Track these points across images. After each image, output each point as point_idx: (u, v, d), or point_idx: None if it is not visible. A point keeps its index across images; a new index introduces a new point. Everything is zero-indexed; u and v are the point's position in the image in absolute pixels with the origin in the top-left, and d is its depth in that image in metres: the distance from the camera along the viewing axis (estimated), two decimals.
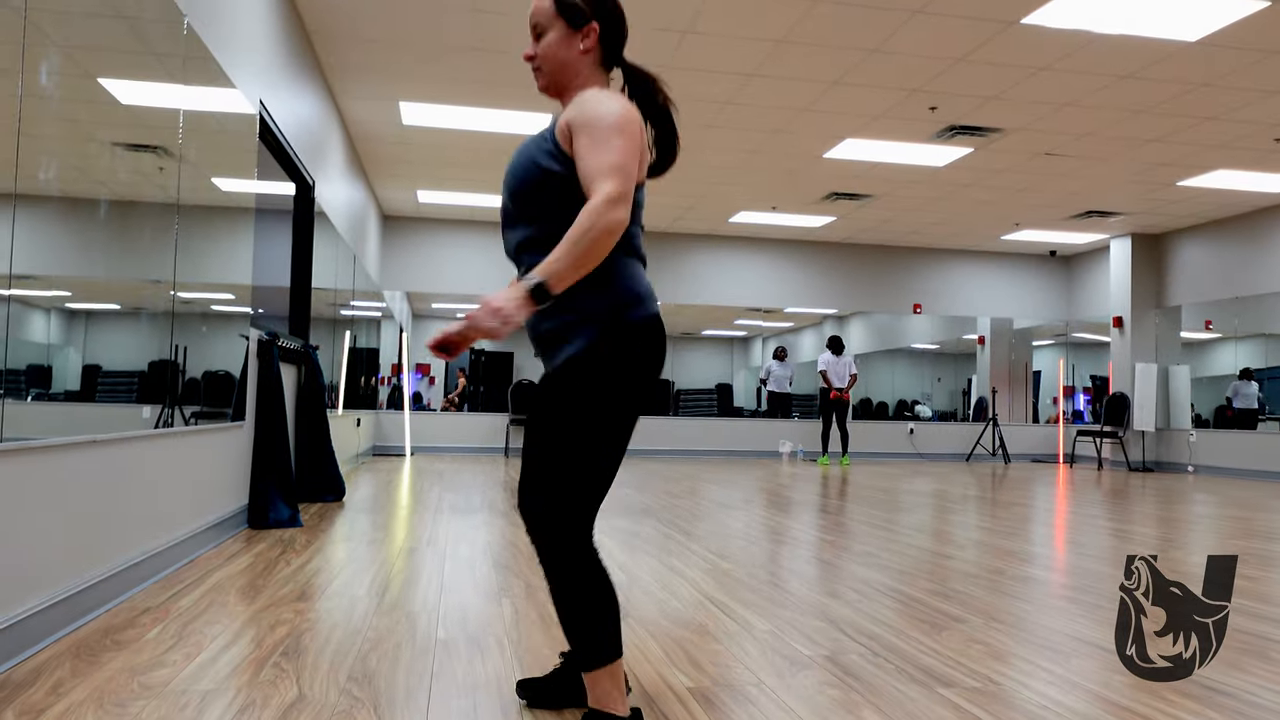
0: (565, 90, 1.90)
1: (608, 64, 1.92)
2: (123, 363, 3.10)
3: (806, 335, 15.23)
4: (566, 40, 1.87)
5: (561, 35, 1.87)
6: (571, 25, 1.86)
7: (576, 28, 1.86)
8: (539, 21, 1.88)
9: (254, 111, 4.55)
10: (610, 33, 1.89)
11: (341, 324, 7.88)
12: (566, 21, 1.87)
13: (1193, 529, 5.46)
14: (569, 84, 1.89)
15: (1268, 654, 2.56)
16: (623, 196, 1.66)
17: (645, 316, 1.83)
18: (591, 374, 1.79)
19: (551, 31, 1.87)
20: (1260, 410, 10.93)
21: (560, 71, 1.88)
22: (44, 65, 2.37)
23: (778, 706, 2.04)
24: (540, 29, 1.88)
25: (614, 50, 1.92)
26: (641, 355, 1.82)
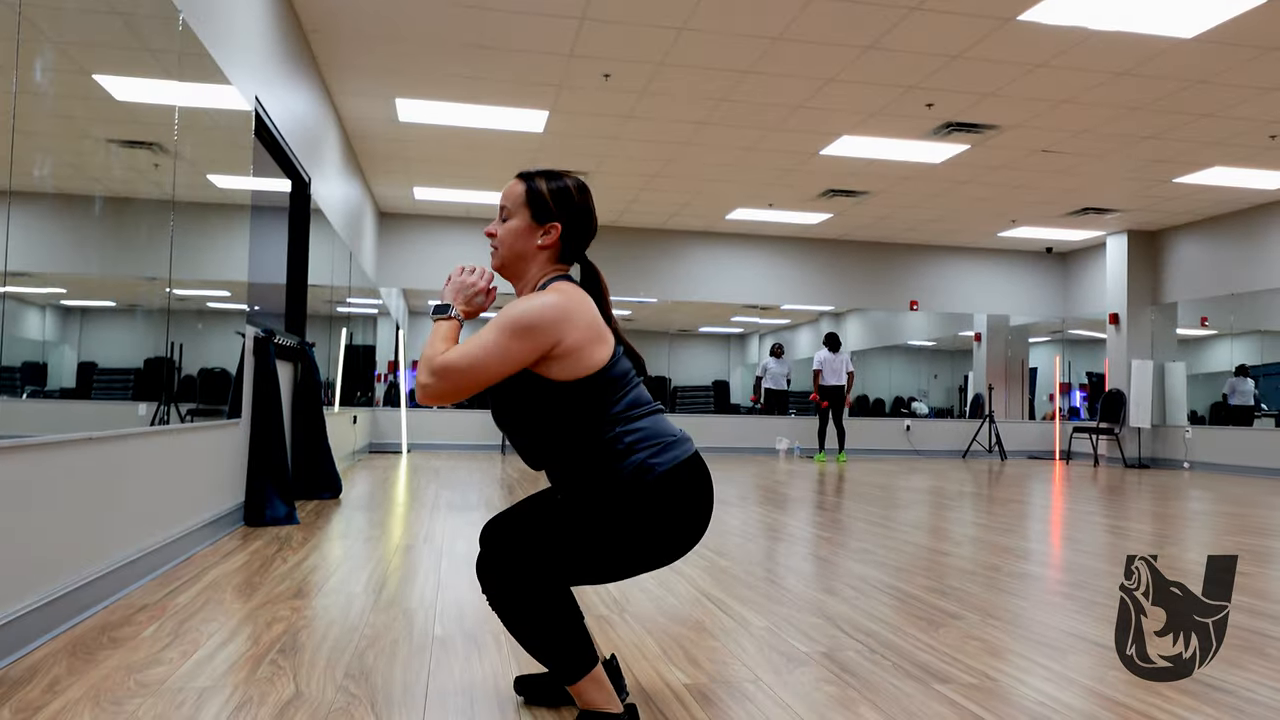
0: (518, 278, 1.93)
1: (566, 260, 1.94)
2: (118, 360, 3.09)
3: (803, 332, 15.24)
4: (527, 232, 1.90)
5: (524, 225, 1.90)
6: (535, 219, 1.89)
7: (539, 223, 1.89)
8: (507, 204, 1.92)
9: (249, 108, 4.54)
10: (573, 233, 1.91)
11: (338, 321, 7.87)
12: (531, 213, 1.90)
13: (1189, 525, 5.48)
14: (522, 273, 1.92)
15: (1265, 650, 2.56)
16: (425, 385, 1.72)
17: (670, 463, 1.81)
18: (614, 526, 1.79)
19: (515, 218, 1.91)
20: (1256, 406, 10.95)
21: (514, 259, 1.92)
22: (39, 61, 2.36)
23: (775, 703, 2.04)
24: (507, 212, 1.92)
25: (575, 249, 1.94)
26: (670, 508, 1.80)
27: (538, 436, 1.85)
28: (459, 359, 1.73)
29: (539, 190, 1.90)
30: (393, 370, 12.18)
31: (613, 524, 1.78)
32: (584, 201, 1.93)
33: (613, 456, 1.79)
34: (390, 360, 12.26)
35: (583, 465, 1.81)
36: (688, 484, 1.83)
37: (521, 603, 1.76)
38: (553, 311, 1.76)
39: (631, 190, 10.26)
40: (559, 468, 1.86)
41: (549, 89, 7.02)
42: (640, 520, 1.78)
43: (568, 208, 1.91)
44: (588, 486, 1.81)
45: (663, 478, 1.79)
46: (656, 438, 1.83)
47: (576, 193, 1.93)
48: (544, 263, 1.91)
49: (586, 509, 1.79)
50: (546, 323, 1.75)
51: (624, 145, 8.51)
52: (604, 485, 1.79)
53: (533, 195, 1.90)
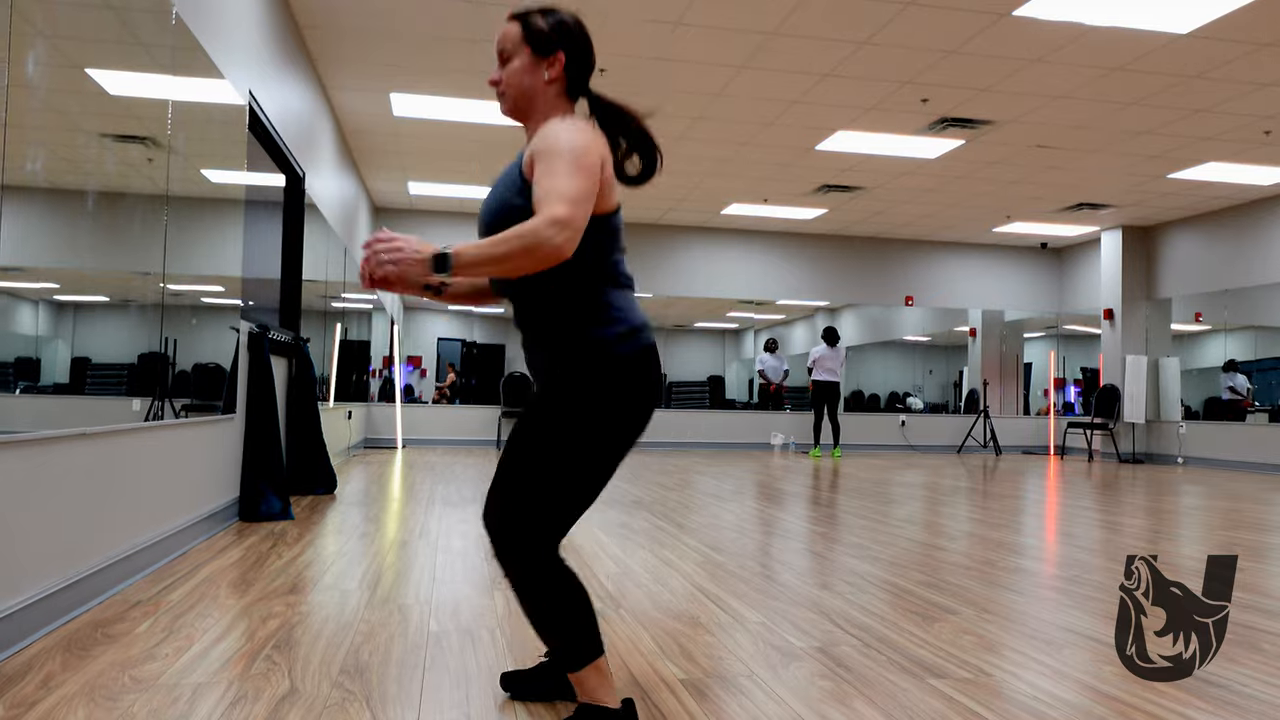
0: (529, 117, 1.89)
1: (573, 93, 1.90)
2: (112, 355, 3.08)
3: (798, 328, 15.24)
4: (532, 68, 1.86)
5: (527, 63, 1.86)
6: (537, 53, 1.86)
7: (542, 56, 1.86)
8: (505, 47, 1.88)
9: (243, 102, 4.52)
10: (577, 63, 1.88)
11: (332, 316, 7.86)
12: (532, 49, 1.86)
13: (1183, 520, 5.49)
14: (533, 111, 1.88)
15: (1258, 645, 2.57)
16: (567, 222, 1.61)
17: (637, 349, 1.81)
18: (579, 404, 1.77)
19: (517, 58, 1.86)
20: (1248, 400, 10.98)
21: (524, 99, 1.87)
22: (31, 55, 2.35)
23: (770, 697, 2.04)
24: (506, 55, 1.88)
25: (580, 80, 1.91)
26: (632, 389, 1.79)
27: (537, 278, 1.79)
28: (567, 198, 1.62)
29: (536, 25, 1.87)
30: (387, 365, 12.16)
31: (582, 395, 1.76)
32: (581, 30, 1.91)
33: (600, 317, 1.79)
34: (385, 356, 12.24)
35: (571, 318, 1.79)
36: (650, 368, 1.83)
37: (540, 581, 1.76)
38: (595, 137, 1.77)
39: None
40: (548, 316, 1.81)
41: None
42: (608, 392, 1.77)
43: (567, 36, 1.87)
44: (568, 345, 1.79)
45: (633, 357, 1.79)
46: (634, 318, 1.83)
47: (574, 21, 1.90)
48: (553, 98, 1.87)
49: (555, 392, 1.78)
50: (598, 145, 1.76)
51: None
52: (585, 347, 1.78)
53: (531, 31, 1.86)
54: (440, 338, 15.48)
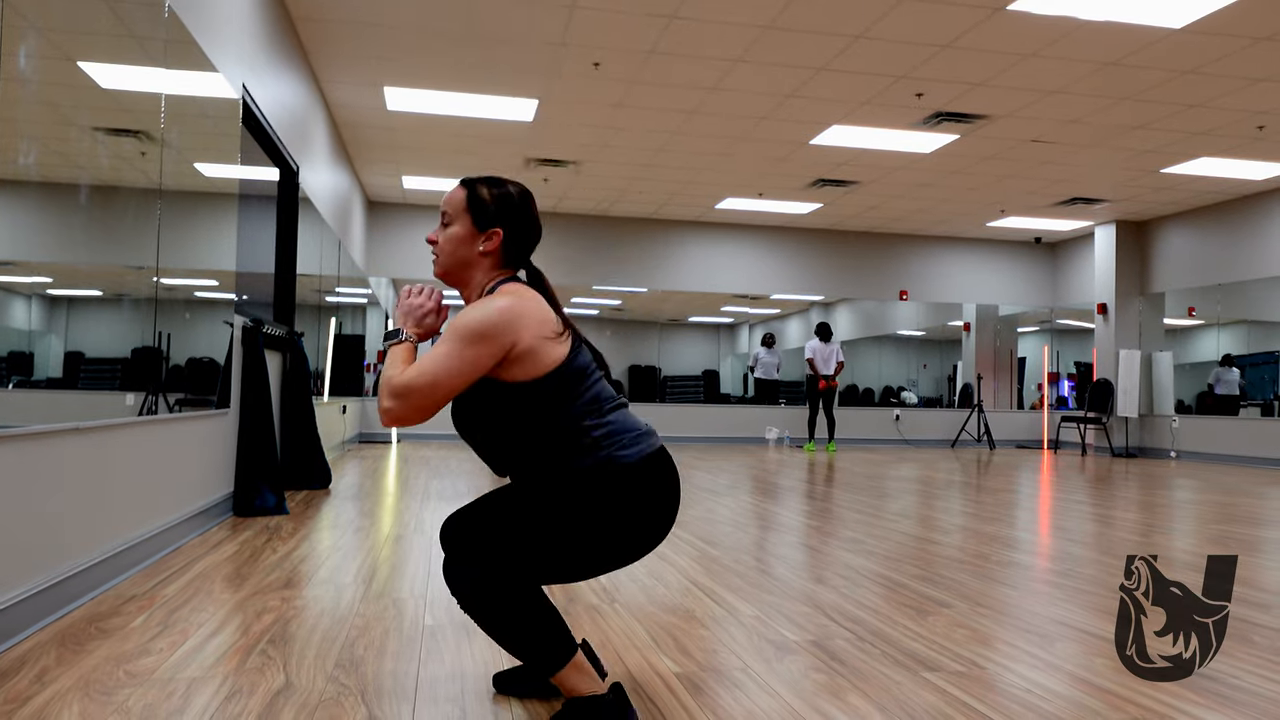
0: (461, 283, 1.90)
1: (510, 265, 1.91)
2: (106, 349, 3.07)
3: (793, 322, 15.25)
4: (468, 238, 1.87)
5: (465, 232, 1.87)
6: (477, 225, 1.87)
7: (480, 229, 1.86)
8: (448, 211, 1.89)
9: (237, 96, 4.51)
10: (515, 239, 1.89)
11: (327, 310, 7.84)
12: (472, 220, 1.87)
13: (1175, 514, 5.51)
14: (465, 279, 1.89)
15: (1250, 638, 2.59)
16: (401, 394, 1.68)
17: (634, 457, 1.78)
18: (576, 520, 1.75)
19: (457, 224, 1.88)
20: (1242, 396, 11.02)
21: (456, 265, 1.89)
22: (22, 48, 2.34)
23: (764, 691, 2.05)
24: (447, 218, 1.89)
25: (519, 253, 1.91)
26: (635, 500, 1.77)
27: (503, 441, 1.82)
28: (417, 377, 1.69)
29: (480, 196, 1.87)
30: (382, 360, 12.13)
31: (578, 517, 1.75)
32: (526, 207, 1.90)
33: (579, 452, 1.77)
34: (380, 350, 12.22)
35: (549, 464, 1.78)
36: (653, 477, 1.80)
37: (492, 604, 1.74)
38: (505, 314, 1.73)
39: (621, 180, 10.24)
40: (526, 470, 1.82)
41: (539, 78, 7.00)
42: (605, 512, 1.76)
43: (509, 213, 1.88)
44: (554, 483, 1.78)
45: (628, 469, 1.77)
46: (622, 432, 1.81)
47: (519, 198, 1.90)
48: (488, 269, 1.88)
49: (551, 502, 1.76)
50: (500, 326, 1.72)
51: (614, 134, 8.48)
52: (570, 479, 1.76)
53: (474, 201, 1.87)
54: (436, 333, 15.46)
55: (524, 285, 1.88)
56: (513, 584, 1.74)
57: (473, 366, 1.71)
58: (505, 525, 1.76)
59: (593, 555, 1.79)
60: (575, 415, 1.78)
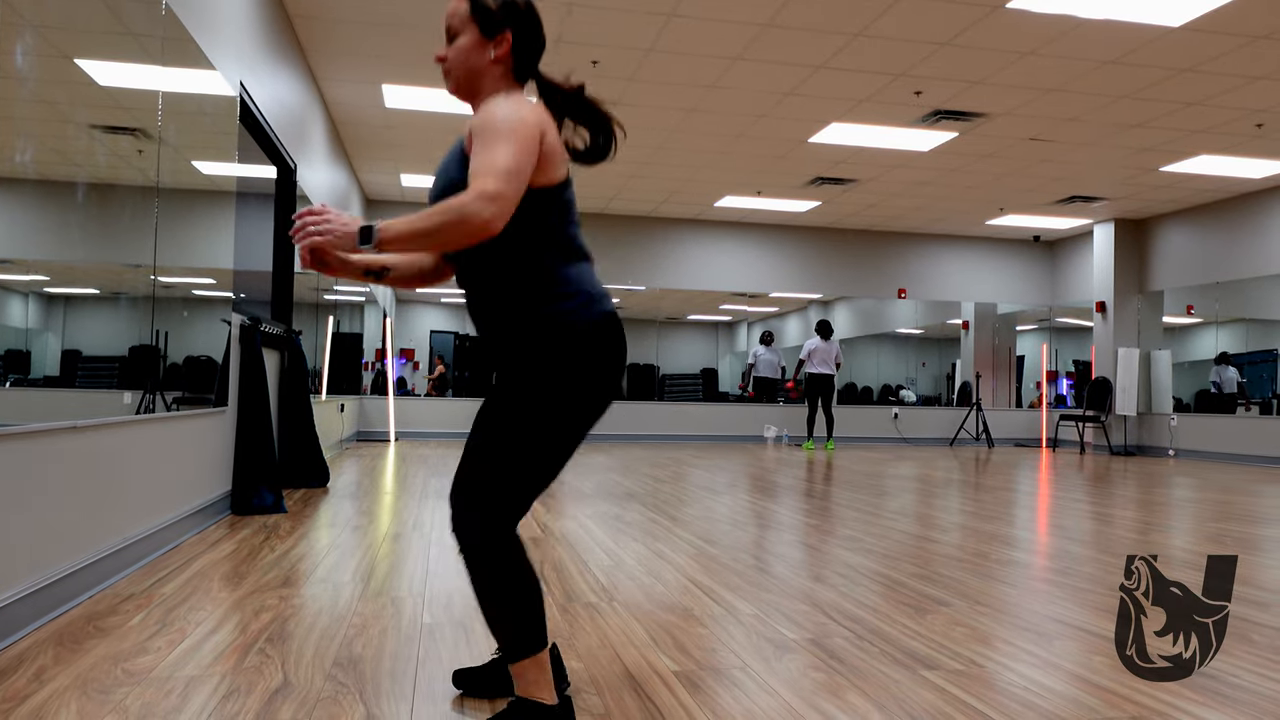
0: (474, 96, 1.87)
1: (520, 75, 1.87)
2: (103, 348, 3.07)
3: (791, 320, 15.25)
4: (478, 47, 1.83)
5: (473, 41, 1.83)
6: (484, 32, 1.82)
7: (489, 36, 1.82)
8: (452, 24, 1.85)
9: (234, 94, 4.50)
10: (525, 43, 1.85)
11: (324, 309, 7.84)
12: (479, 27, 1.83)
13: (1174, 512, 5.52)
14: (478, 90, 1.85)
15: (1249, 636, 2.59)
16: (495, 196, 1.59)
17: (595, 317, 1.78)
18: (539, 380, 1.75)
19: (464, 36, 1.83)
20: (1240, 394, 11.03)
21: (468, 78, 1.85)
22: (19, 45, 2.33)
23: (762, 689, 2.04)
24: (453, 31, 1.85)
25: (528, 61, 1.88)
26: (592, 358, 1.77)
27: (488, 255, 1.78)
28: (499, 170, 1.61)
29: (483, 3, 1.83)
30: (380, 358, 12.14)
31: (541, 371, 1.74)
32: (531, 10, 1.87)
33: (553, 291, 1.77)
34: (377, 348, 12.22)
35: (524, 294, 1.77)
36: (612, 335, 1.80)
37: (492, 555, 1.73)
38: (534, 109, 1.74)
39: (620, 177, 10.24)
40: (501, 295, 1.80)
41: None
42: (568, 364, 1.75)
43: (515, 15, 1.84)
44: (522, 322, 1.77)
45: (593, 325, 1.77)
46: (591, 287, 1.81)
47: (523, 2, 1.86)
48: (499, 77, 1.85)
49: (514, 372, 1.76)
50: (535, 116, 1.72)
51: None
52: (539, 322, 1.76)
53: (477, 8, 1.83)
54: (433, 330, 15.45)
55: None
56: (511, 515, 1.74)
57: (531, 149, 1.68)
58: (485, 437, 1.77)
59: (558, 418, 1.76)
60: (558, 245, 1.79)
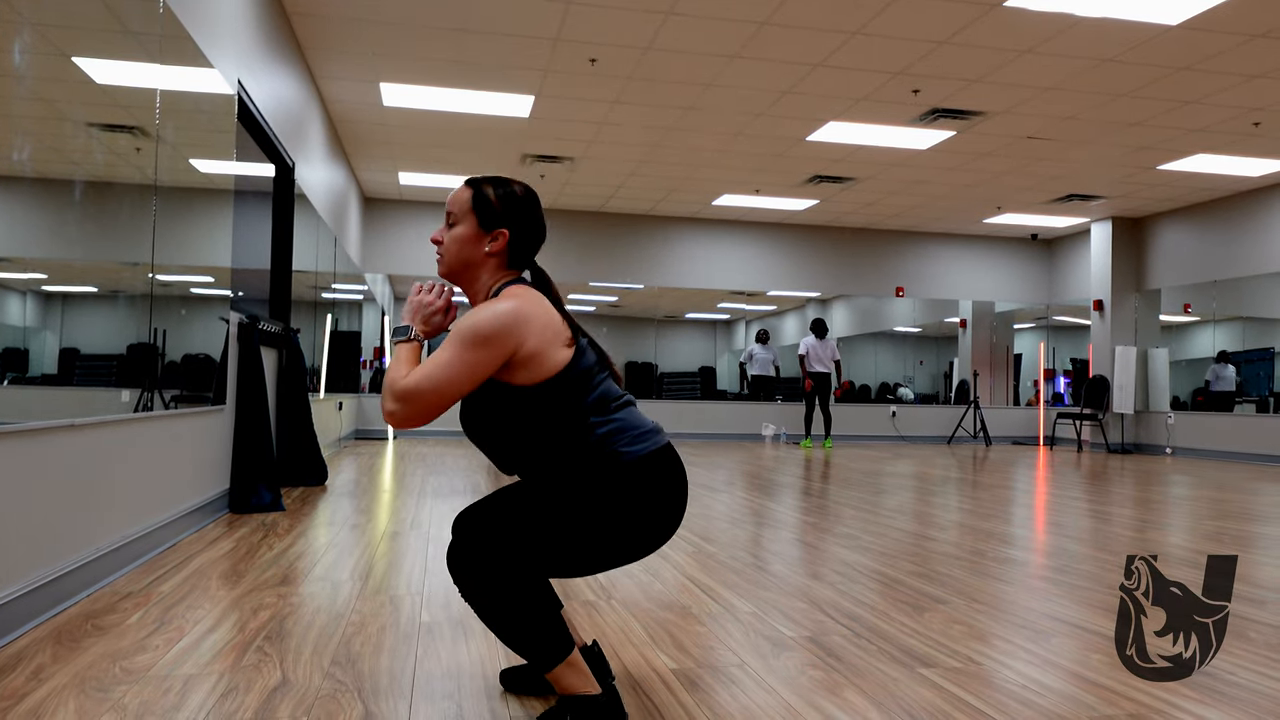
0: (465, 284, 1.91)
1: (515, 265, 1.91)
2: (101, 346, 3.07)
3: (789, 318, 15.25)
4: (474, 239, 1.86)
5: (470, 232, 1.86)
6: (482, 226, 1.86)
7: (486, 230, 1.86)
8: (453, 210, 1.89)
9: (232, 92, 4.50)
10: (521, 239, 1.88)
11: (323, 307, 7.83)
12: (478, 220, 1.86)
13: (1171, 510, 5.52)
14: (470, 278, 1.89)
15: (1246, 634, 2.59)
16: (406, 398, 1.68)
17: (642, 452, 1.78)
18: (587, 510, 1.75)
19: (462, 225, 1.87)
20: (1237, 392, 11.04)
21: (460, 266, 1.88)
22: (16, 43, 2.33)
23: (760, 687, 2.05)
24: (453, 219, 1.89)
25: (524, 254, 1.91)
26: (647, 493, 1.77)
27: (510, 443, 1.82)
28: (422, 380, 1.69)
29: (485, 196, 1.87)
30: (378, 357, 12.14)
31: (585, 512, 1.75)
32: (532, 207, 1.90)
33: (584, 451, 1.77)
34: (376, 346, 12.22)
35: (555, 463, 1.78)
36: (659, 473, 1.80)
37: (494, 594, 1.73)
38: (508, 317, 1.72)
39: (618, 176, 10.24)
40: (532, 469, 1.82)
41: (535, 73, 6.98)
42: (612, 508, 1.75)
43: (515, 214, 1.87)
44: (560, 481, 1.78)
45: (635, 465, 1.77)
46: (629, 430, 1.80)
47: (524, 199, 1.89)
48: (493, 270, 1.88)
49: (560, 497, 1.76)
50: (504, 330, 1.71)
51: (610, 130, 8.48)
52: (575, 477, 1.76)
53: (479, 201, 1.86)
54: None
55: (529, 287, 1.87)
56: (516, 574, 1.73)
57: (477, 371, 1.71)
58: (514, 517, 1.76)
59: (598, 551, 1.78)
60: (581, 416, 1.78)
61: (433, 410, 1.70)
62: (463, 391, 1.72)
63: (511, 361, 1.73)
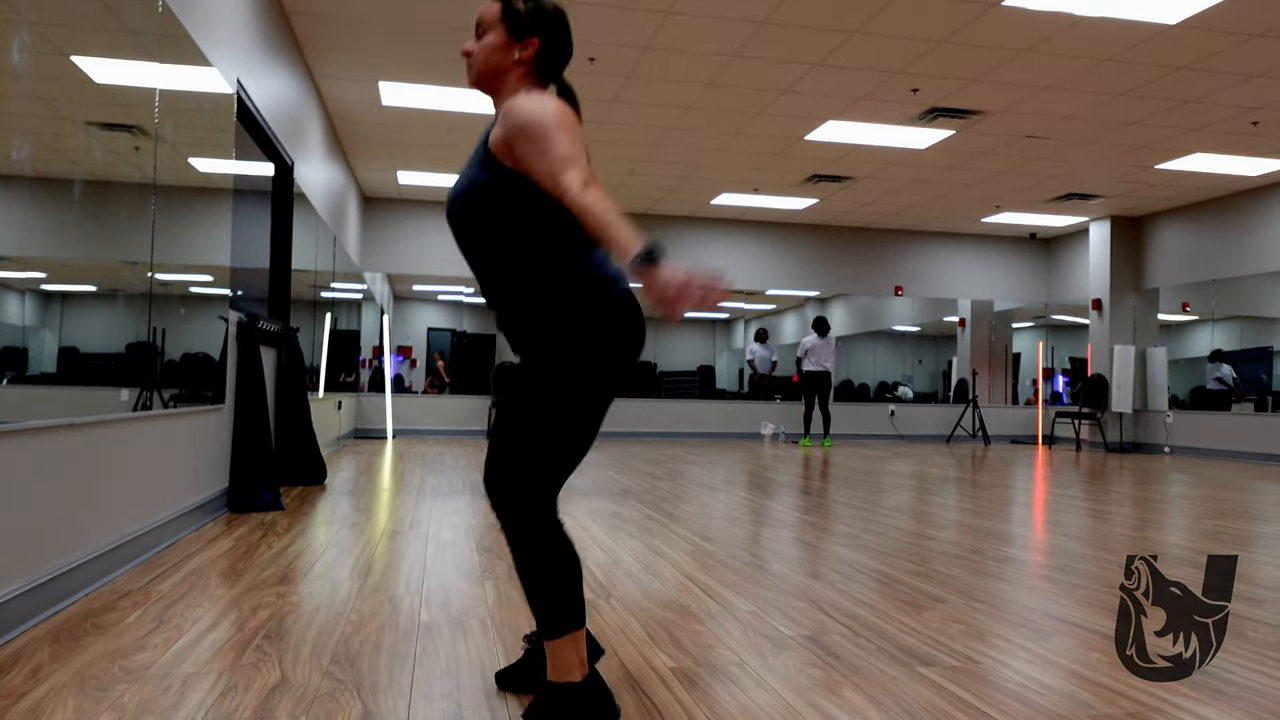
0: (494, 93, 1.90)
1: (543, 78, 1.91)
2: (100, 345, 3.07)
3: (788, 318, 15.26)
4: (504, 47, 1.87)
5: (500, 40, 1.87)
6: (512, 35, 1.87)
7: (516, 38, 1.87)
8: (483, 20, 1.89)
9: (231, 91, 4.49)
10: (551, 49, 1.89)
11: (322, 306, 7.83)
12: (508, 29, 1.87)
13: (1169, 509, 5.53)
14: (498, 88, 1.90)
15: (1244, 633, 2.60)
16: (590, 179, 1.66)
17: (618, 294, 1.82)
18: (565, 355, 1.78)
19: (492, 34, 1.88)
20: (1234, 391, 11.05)
21: (490, 75, 1.89)
22: (15, 42, 2.33)
23: (760, 686, 2.05)
24: (482, 29, 1.89)
25: (553, 67, 1.92)
26: (618, 334, 1.81)
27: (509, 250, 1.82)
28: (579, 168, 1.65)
29: (515, 7, 1.88)
30: (377, 355, 12.13)
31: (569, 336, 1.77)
32: (560, 21, 1.91)
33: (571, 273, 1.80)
34: (375, 345, 12.21)
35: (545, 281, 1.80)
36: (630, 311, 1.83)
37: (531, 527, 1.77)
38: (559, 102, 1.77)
39: (616, 175, 10.23)
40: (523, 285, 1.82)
41: None
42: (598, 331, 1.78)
43: (544, 23, 1.88)
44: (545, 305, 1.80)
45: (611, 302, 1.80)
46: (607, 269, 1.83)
47: (553, 12, 1.91)
48: (521, 77, 1.89)
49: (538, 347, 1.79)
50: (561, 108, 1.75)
51: (609, 129, 8.47)
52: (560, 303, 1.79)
53: (508, 11, 1.87)
54: (430, 328, 15.44)
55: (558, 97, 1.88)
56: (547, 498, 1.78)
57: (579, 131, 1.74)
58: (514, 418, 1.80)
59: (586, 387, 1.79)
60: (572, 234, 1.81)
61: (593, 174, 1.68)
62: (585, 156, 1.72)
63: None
